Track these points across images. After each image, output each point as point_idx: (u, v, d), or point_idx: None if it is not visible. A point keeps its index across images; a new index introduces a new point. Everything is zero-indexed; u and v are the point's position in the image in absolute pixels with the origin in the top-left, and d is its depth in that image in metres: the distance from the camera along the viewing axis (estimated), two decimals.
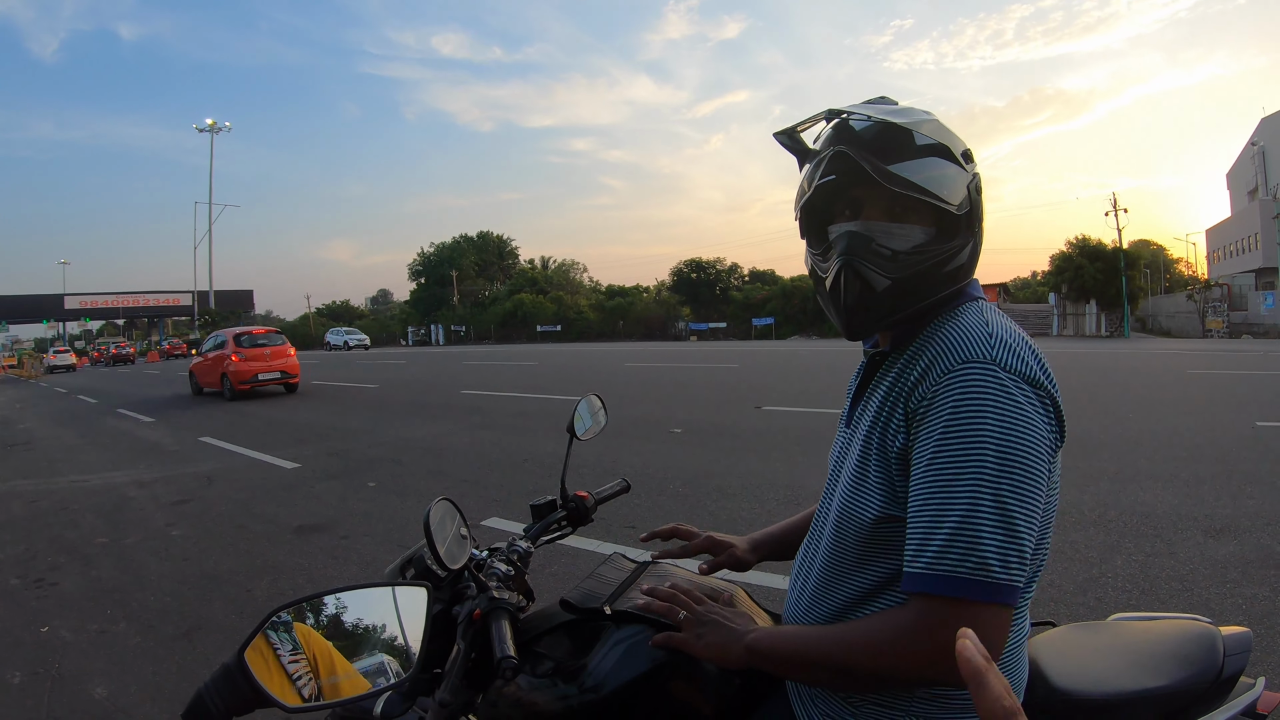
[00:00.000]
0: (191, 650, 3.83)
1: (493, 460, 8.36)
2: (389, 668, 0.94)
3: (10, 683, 3.58)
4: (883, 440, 1.12)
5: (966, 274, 1.17)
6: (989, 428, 0.98)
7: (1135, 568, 4.27)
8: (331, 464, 8.68)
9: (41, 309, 74.80)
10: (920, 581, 0.97)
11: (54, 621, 4.33)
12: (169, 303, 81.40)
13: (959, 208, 1.11)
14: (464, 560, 1.30)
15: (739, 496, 6.17)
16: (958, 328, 1.10)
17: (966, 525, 0.95)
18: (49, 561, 5.52)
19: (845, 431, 1.29)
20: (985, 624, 0.93)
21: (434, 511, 1.27)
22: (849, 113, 1.14)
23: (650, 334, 60.76)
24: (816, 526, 1.30)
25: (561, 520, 1.66)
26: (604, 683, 1.20)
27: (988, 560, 0.94)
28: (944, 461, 0.99)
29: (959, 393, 1.01)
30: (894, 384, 1.13)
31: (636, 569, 1.47)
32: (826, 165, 1.13)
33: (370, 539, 5.60)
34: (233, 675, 0.88)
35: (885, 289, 1.12)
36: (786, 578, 1.37)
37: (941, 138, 1.11)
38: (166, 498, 7.47)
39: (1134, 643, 1.27)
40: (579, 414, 1.79)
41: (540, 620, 1.35)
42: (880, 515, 1.09)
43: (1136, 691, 1.14)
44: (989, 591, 0.93)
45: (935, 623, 0.95)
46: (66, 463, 10.10)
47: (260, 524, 6.24)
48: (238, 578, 4.91)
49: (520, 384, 17.58)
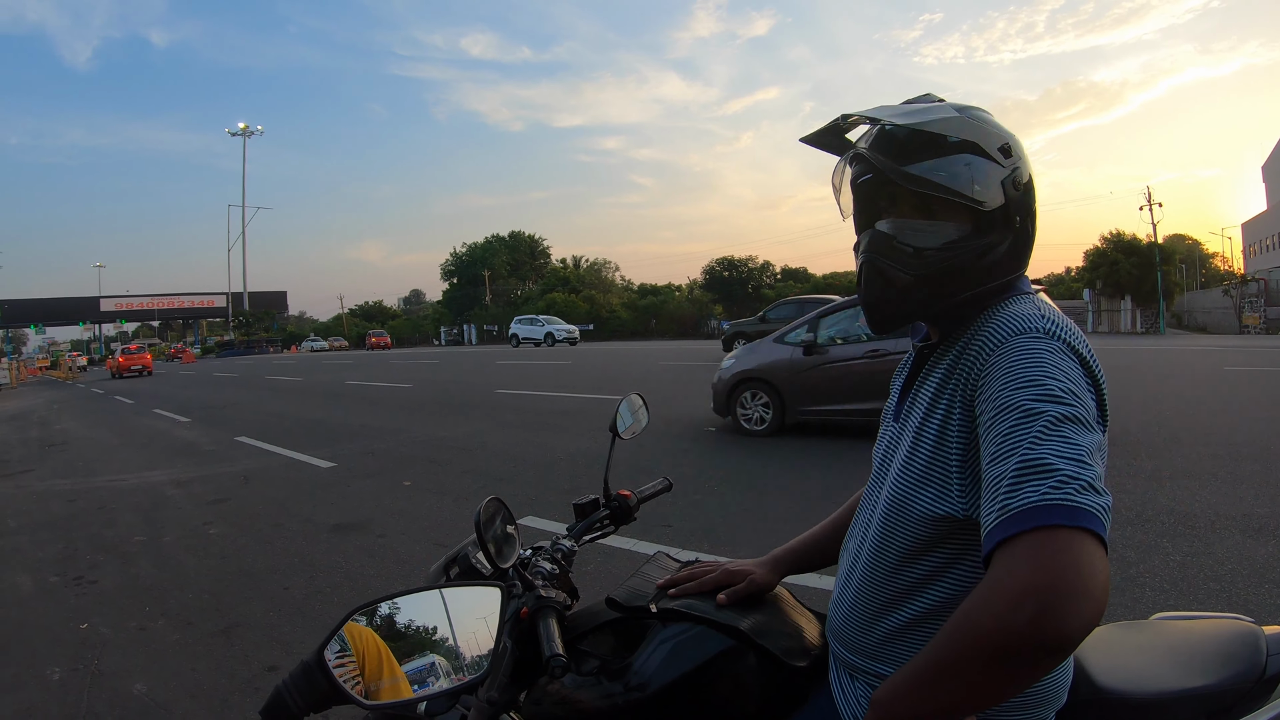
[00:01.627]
0: (229, 647, 3.86)
1: (527, 459, 8.37)
2: (440, 668, 0.96)
3: (50, 679, 3.63)
4: (939, 432, 1.10)
5: (1008, 268, 1.17)
6: (1045, 375, 0.97)
7: (1174, 567, 4.19)
8: (367, 463, 8.75)
9: (78, 311, 76.60)
10: (998, 530, 0.87)
11: (93, 618, 4.39)
12: (203, 304, 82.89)
13: (988, 203, 1.11)
14: (513, 559, 1.32)
15: (774, 494, 6.13)
16: (1010, 313, 1.09)
17: (1033, 455, 0.89)
18: (88, 559, 5.61)
19: (894, 425, 1.28)
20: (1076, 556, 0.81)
21: (484, 510, 1.28)
22: (879, 114, 1.15)
23: (683, 332, 60.70)
24: (861, 522, 1.29)
25: (604, 519, 1.67)
26: (649, 681, 1.20)
27: (1063, 484, 0.85)
28: (1004, 413, 0.96)
29: (1013, 355, 1.01)
30: (947, 375, 1.13)
31: (681, 568, 1.47)
32: (849, 163, 1.19)
33: (406, 537, 5.63)
34: (312, 673, 0.92)
35: (907, 285, 1.15)
36: (830, 577, 1.34)
37: (972, 135, 1.12)
38: (204, 496, 7.57)
39: (1177, 642, 1.26)
40: (621, 413, 1.80)
41: (585, 618, 1.36)
42: (929, 513, 1.09)
43: (1180, 691, 1.13)
44: (1071, 515, 0.83)
45: (1021, 564, 0.83)
46: (104, 462, 10.29)
47: (297, 522, 6.30)
48: (275, 576, 4.95)
49: (554, 383, 17.60)
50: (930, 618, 1.12)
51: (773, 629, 1.29)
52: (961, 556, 1.09)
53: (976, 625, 0.84)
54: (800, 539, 1.56)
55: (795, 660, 1.25)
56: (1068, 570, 0.79)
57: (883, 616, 1.16)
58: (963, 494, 1.06)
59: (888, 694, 0.96)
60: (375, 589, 4.53)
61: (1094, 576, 0.80)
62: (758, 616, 1.30)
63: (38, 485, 8.84)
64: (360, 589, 4.56)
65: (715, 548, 4.85)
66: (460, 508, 6.35)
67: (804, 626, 1.36)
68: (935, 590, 1.11)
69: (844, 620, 1.24)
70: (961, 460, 1.07)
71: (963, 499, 1.06)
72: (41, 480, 9.17)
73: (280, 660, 3.66)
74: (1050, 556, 0.80)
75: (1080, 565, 0.80)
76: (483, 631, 1.01)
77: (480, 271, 78.94)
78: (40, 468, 10.21)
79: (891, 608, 1.15)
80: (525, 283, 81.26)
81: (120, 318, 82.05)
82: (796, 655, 1.27)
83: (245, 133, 73.20)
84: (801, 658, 1.27)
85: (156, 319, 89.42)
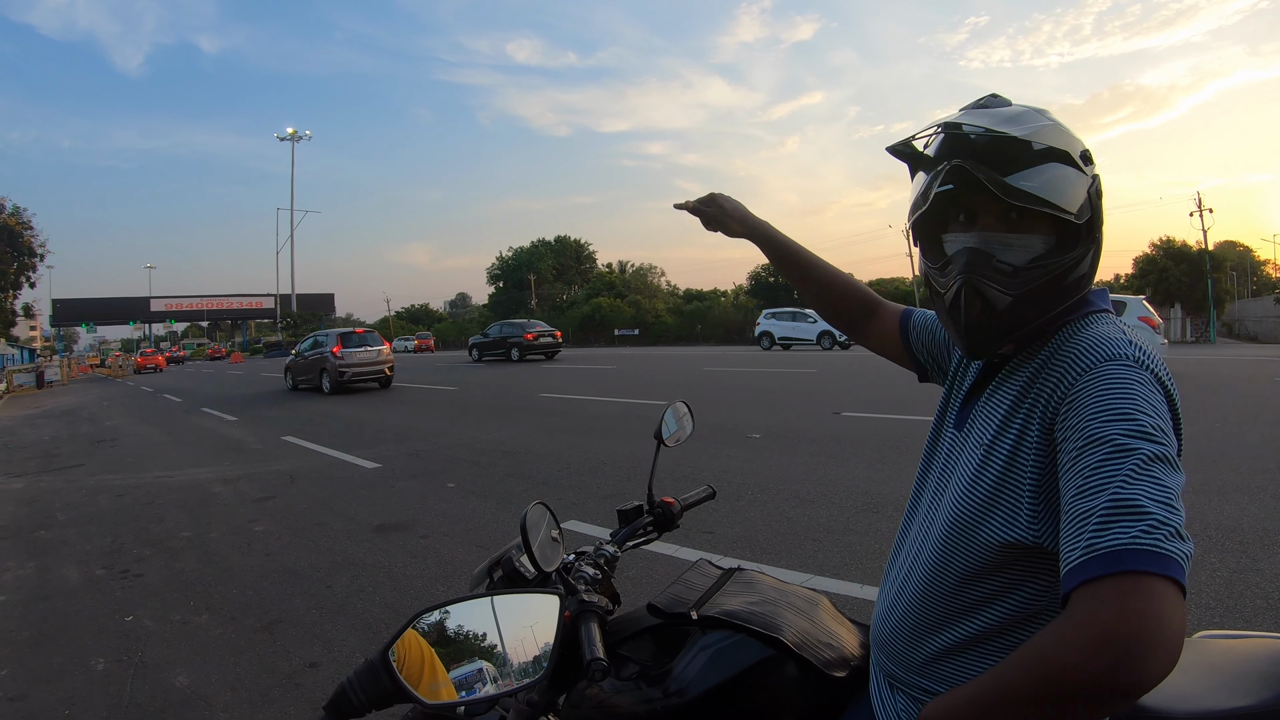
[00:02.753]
0: (272, 643, 3.89)
1: (570, 463, 8.36)
2: (487, 674, 0.97)
3: (95, 669, 3.68)
4: (1011, 453, 1.08)
5: (1088, 282, 1.14)
6: (1138, 409, 0.93)
7: (1220, 584, 4.07)
8: (411, 464, 8.80)
9: (129, 311, 78.29)
10: (1082, 569, 0.83)
11: (138, 611, 4.46)
12: (252, 305, 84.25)
13: (1079, 215, 1.07)
14: (557, 563, 1.35)
15: (817, 503, 6.03)
16: (1097, 335, 1.06)
17: (1124, 495, 0.85)
18: (134, 554, 5.71)
19: (954, 434, 1.24)
20: (1160, 605, 0.78)
21: (530, 514, 1.31)
22: (965, 121, 1.11)
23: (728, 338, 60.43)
24: (915, 534, 1.26)
25: (648, 525, 1.68)
26: (688, 688, 1.21)
27: (1153, 529, 0.82)
28: (1094, 446, 0.91)
29: (1102, 384, 0.97)
30: (1023, 391, 1.10)
31: (723, 575, 1.49)
32: (944, 177, 1.10)
33: (449, 539, 5.64)
34: (376, 670, 0.94)
35: (1006, 306, 1.09)
36: (871, 588, 1.31)
37: (1059, 141, 1.08)
38: (249, 494, 7.69)
39: (1221, 661, 1.23)
40: (666, 420, 1.81)
41: (626, 624, 1.37)
42: (995, 539, 1.07)
43: (1222, 711, 1.11)
44: (1159, 563, 0.80)
45: (1106, 607, 0.80)
46: (152, 458, 10.50)
47: (341, 522, 6.35)
48: (318, 574, 4.99)
49: (598, 388, 17.61)
50: (984, 639, 1.10)
51: (813, 639, 1.29)
52: (1024, 582, 1.07)
53: (1052, 662, 0.82)
54: (784, 237, 1.66)
55: (834, 671, 1.26)
56: (1151, 620, 0.77)
57: (934, 634, 1.15)
58: (1033, 520, 1.03)
59: (941, 713, 0.95)
60: (417, 589, 4.55)
61: (1175, 627, 0.78)
62: (798, 626, 1.30)
63: (87, 480, 9.05)
64: (402, 589, 4.58)
65: (757, 556, 4.78)
66: (503, 511, 6.36)
67: (844, 637, 1.36)
68: (992, 612, 1.09)
69: (892, 633, 1.22)
70: (1035, 485, 1.04)
71: (1033, 525, 1.03)
72: (91, 475, 9.38)
73: (321, 657, 3.67)
74: (1136, 604, 0.78)
75: (1164, 615, 0.78)
76: (530, 638, 1.02)
77: (526, 275, 79.32)
78: (90, 462, 10.45)
79: (944, 626, 1.14)
80: (571, 287, 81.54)
81: (170, 318, 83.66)
82: (836, 666, 1.27)
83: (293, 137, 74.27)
84: (841, 668, 1.27)
85: (205, 319, 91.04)
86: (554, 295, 79.06)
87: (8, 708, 3.39)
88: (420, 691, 0.94)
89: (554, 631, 1.03)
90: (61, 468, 10.14)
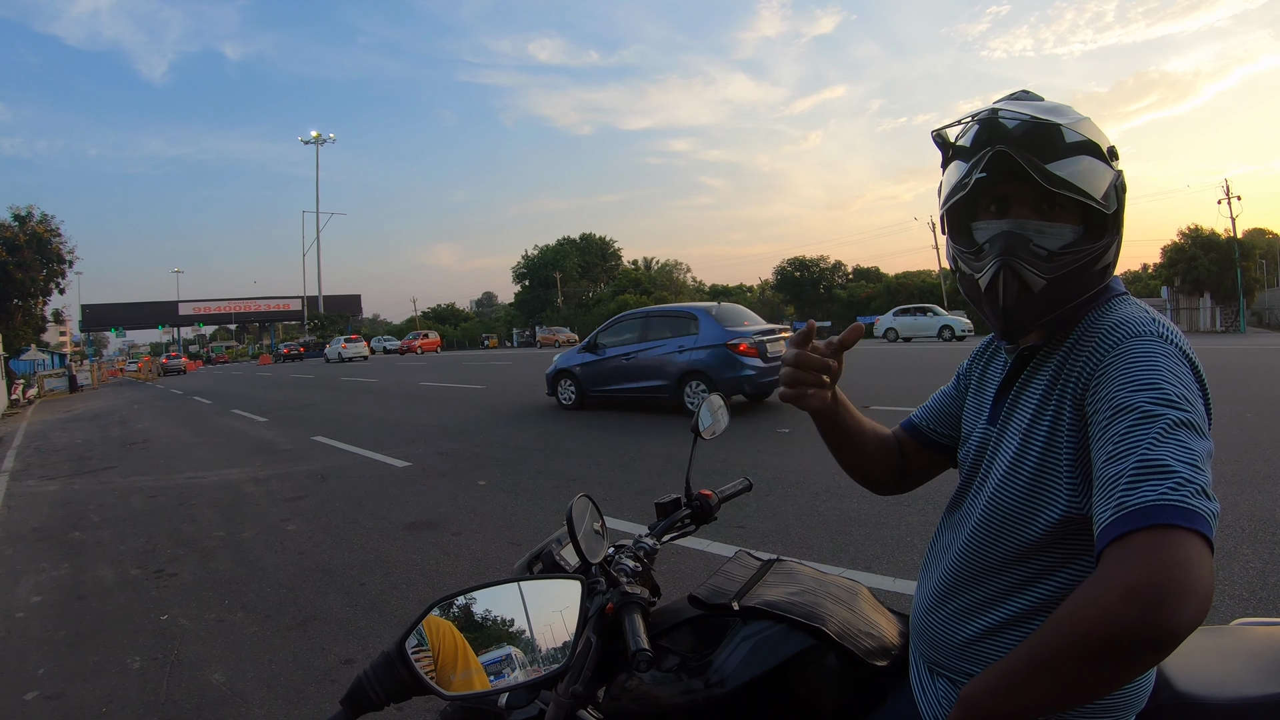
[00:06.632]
0: (306, 640, 3.92)
1: (600, 459, 8.40)
2: (516, 660, 0.99)
3: (131, 667, 3.74)
4: (1049, 433, 1.12)
5: (1111, 272, 1.20)
6: (1163, 380, 0.98)
7: (1253, 574, 4.04)
8: (441, 462, 8.86)
9: (158, 315, 79.51)
10: (1113, 527, 0.86)
11: (173, 610, 4.52)
12: (279, 308, 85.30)
13: (1107, 206, 1.13)
14: (601, 555, 1.35)
15: (848, 496, 5.99)
16: (1122, 316, 1.11)
17: (1151, 456, 0.89)
18: (168, 553, 5.79)
19: (988, 429, 1.28)
20: (1187, 555, 0.81)
21: (575, 506, 1.31)
22: (1002, 110, 1.15)
23: None
24: (954, 522, 1.31)
25: (686, 518, 1.69)
26: (729, 678, 1.23)
27: (1179, 486, 0.86)
28: (1122, 414, 0.96)
29: (1129, 358, 1.02)
30: (1055, 376, 1.15)
31: (762, 566, 1.51)
32: (986, 163, 1.14)
33: (481, 536, 5.66)
34: (393, 663, 0.95)
35: (1041, 289, 1.14)
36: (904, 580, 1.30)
37: (1090, 134, 1.13)
38: (281, 494, 7.77)
39: (1258, 648, 1.26)
40: (702, 414, 1.83)
41: (667, 615, 1.39)
42: (1038, 517, 1.11)
43: (1261, 697, 1.13)
44: (1184, 516, 0.83)
45: (1134, 559, 0.83)
46: (184, 460, 10.64)
47: (373, 520, 6.41)
48: (351, 571, 5.03)
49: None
50: (1025, 619, 1.13)
51: (853, 628, 1.31)
52: (1068, 561, 1.11)
53: (1083, 618, 0.85)
54: (859, 416, 1.53)
55: (875, 660, 1.28)
56: (1178, 568, 0.80)
57: (977, 615, 1.18)
58: (1073, 494, 1.07)
59: (978, 690, 0.96)
60: (450, 586, 4.54)
61: (1203, 577, 0.81)
62: (839, 615, 1.32)
63: (120, 482, 9.19)
64: (435, 586, 4.61)
65: (789, 549, 4.77)
66: (534, 508, 6.36)
67: (884, 626, 1.38)
68: (1035, 592, 1.13)
69: (933, 618, 1.25)
70: (1072, 460, 1.08)
71: (1073, 498, 1.07)
72: (123, 477, 9.53)
73: (356, 654, 3.70)
74: (1163, 554, 0.81)
75: (1191, 565, 0.80)
76: (559, 625, 1.04)
77: (551, 274, 79.42)
78: (122, 464, 10.62)
79: (987, 608, 1.17)
80: (597, 284, 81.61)
81: (198, 321, 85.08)
82: (877, 655, 1.29)
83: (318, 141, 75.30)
84: (882, 657, 1.30)
85: (233, 322, 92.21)
86: (580, 293, 79.14)
87: (45, 706, 3.45)
88: (454, 679, 0.95)
89: (577, 617, 1.04)
90: (94, 470, 10.31)
